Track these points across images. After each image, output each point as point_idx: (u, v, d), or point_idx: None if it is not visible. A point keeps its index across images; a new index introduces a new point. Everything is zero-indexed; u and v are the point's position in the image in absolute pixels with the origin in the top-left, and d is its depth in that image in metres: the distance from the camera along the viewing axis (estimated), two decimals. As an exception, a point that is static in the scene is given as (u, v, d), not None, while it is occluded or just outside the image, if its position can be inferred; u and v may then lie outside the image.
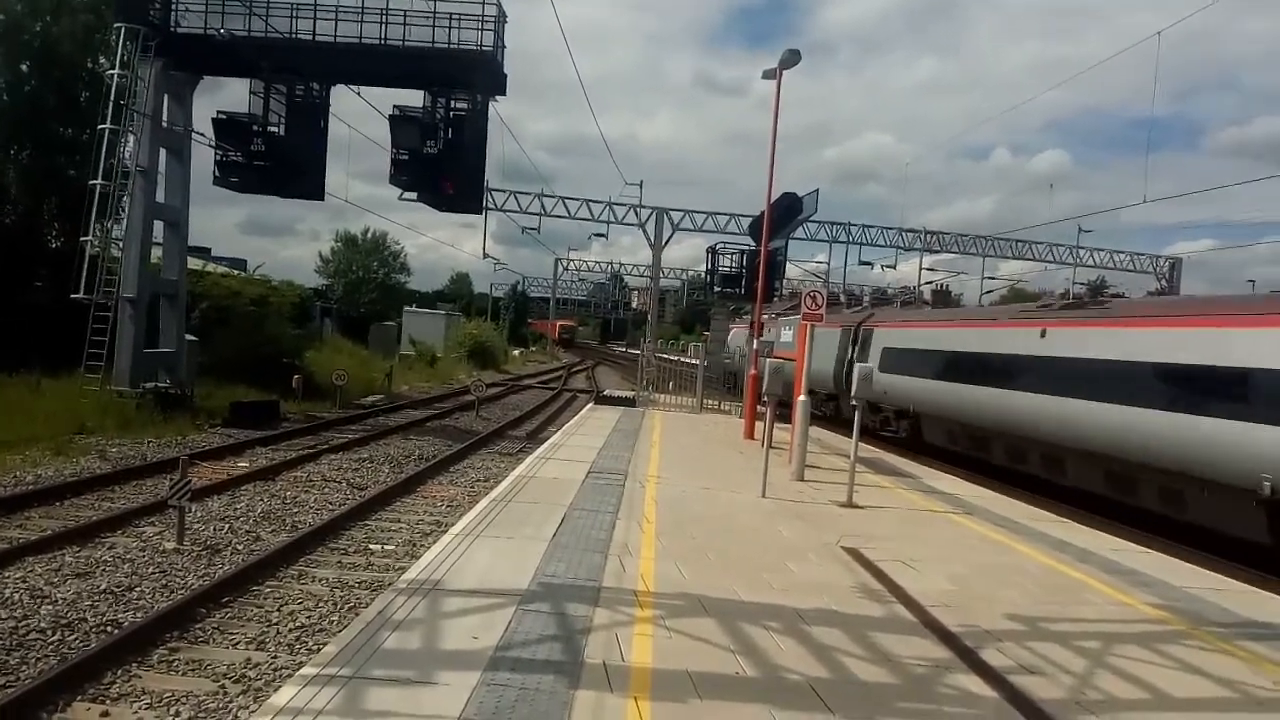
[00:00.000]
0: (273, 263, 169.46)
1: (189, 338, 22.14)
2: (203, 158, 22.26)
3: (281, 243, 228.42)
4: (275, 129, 21.53)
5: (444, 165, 21.63)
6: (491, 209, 37.26)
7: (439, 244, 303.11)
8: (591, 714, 4.70)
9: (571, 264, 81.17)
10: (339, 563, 9.51)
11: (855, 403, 12.17)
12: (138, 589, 8.14)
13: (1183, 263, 45.72)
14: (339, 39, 20.71)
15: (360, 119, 77.10)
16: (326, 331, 42.79)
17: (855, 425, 12.32)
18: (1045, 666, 5.95)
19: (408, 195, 23.11)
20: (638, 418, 21.29)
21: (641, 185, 38.72)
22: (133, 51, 19.50)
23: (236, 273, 34.00)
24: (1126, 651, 6.40)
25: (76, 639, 6.88)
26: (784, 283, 35.51)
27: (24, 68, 24.37)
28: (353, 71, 21.32)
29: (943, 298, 32.31)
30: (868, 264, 45.25)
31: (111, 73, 19.65)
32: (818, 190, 23.57)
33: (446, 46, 20.47)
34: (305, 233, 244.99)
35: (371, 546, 10.26)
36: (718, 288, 30.11)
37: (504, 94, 21.76)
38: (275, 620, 7.58)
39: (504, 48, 20.96)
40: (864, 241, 42.52)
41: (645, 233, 38.25)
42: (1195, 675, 6.04)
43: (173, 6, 20.49)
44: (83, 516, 10.52)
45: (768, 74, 18.13)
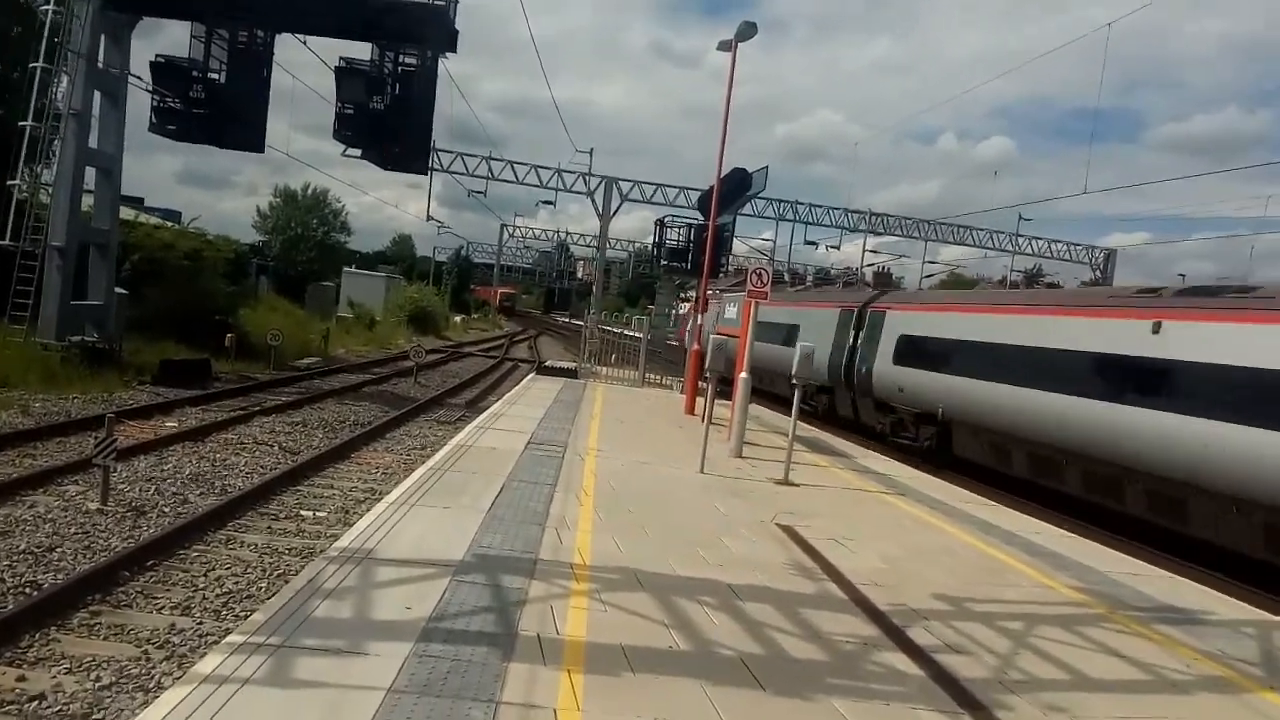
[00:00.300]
0: (209, 216, 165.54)
1: (119, 290, 21.38)
2: (139, 103, 21.40)
3: (218, 195, 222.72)
4: (216, 76, 20.74)
5: (390, 122, 21.10)
6: (438, 170, 36.63)
7: (382, 204, 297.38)
8: (524, 686, 4.69)
9: (518, 231, 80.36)
10: (269, 528, 9.33)
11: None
12: (59, 550, 7.88)
13: (1117, 254, 47.07)
14: (286, -15, 20.01)
15: (305, 70, 75.08)
16: (262, 290, 41.73)
17: (794, 402, 12.46)
18: (970, 646, 6.11)
19: (351, 151, 22.52)
20: (579, 389, 21.24)
21: (591, 153, 38.45)
22: None
23: (171, 225, 32.80)
24: (1047, 633, 6.60)
25: (-9, 600, 6.64)
26: (730, 259, 35.60)
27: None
28: (299, 19, 20.52)
29: (884, 279, 32.73)
30: (813, 243, 45.79)
31: (46, 8, 18.68)
32: (767, 167, 23.65)
33: (397, -2, 19.93)
34: (243, 186, 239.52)
35: (303, 513, 10.08)
36: (664, 261, 30.09)
37: (455, 51, 21.15)
38: (202, 586, 7.41)
39: (456, 2, 20.41)
40: (810, 221, 42.90)
41: (594, 202, 38.07)
42: (1112, 657, 6.26)
43: (111, -59, 19.59)
44: (2, 473, 10.13)
45: (723, 46, 18.05)
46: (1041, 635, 6.53)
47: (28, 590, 6.89)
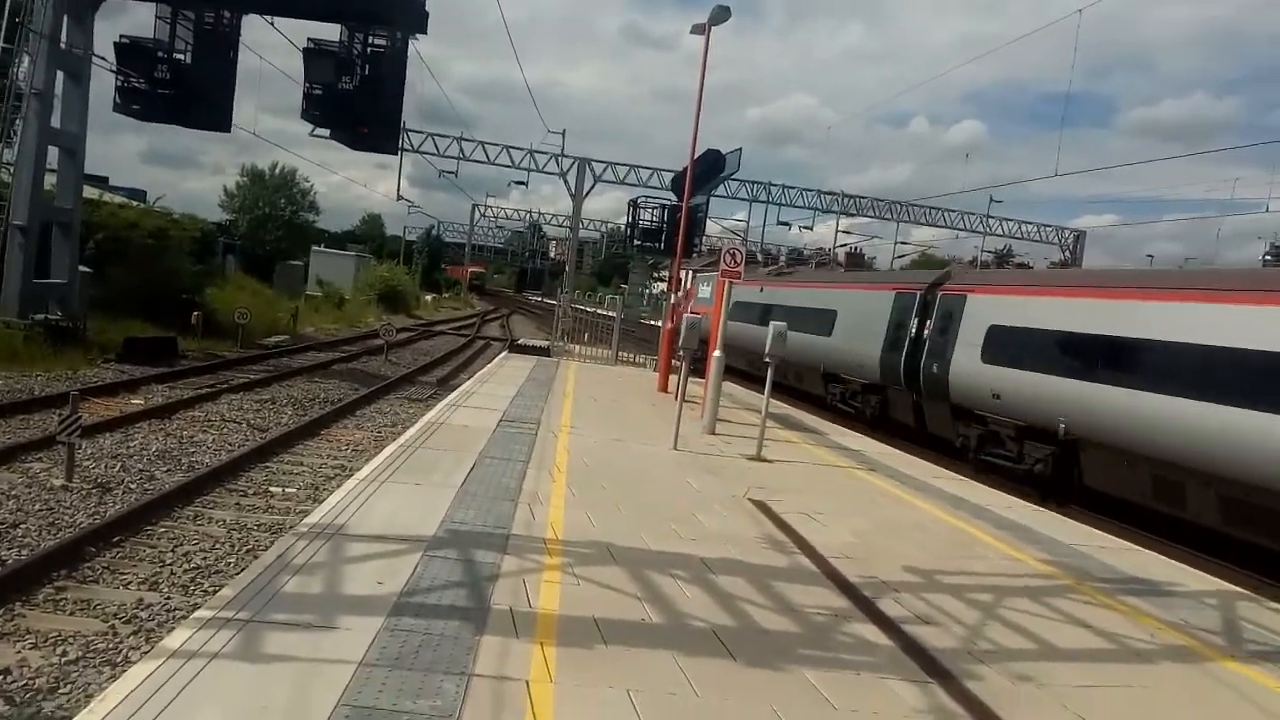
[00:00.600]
0: (174, 195, 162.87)
1: (83, 269, 21.03)
2: (103, 83, 20.97)
3: (183, 175, 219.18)
4: (181, 56, 20.53)
5: (359, 102, 20.94)
6: (408, 150, 36.41)
7: (351, 183, 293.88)
8: (496, 659, 4.67)
9: (490, 211, 79.87)
10: (237, 504, 9.23)
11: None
12: (23, 526, 7.77)
13: (1086, 235, 47.57)
14: (253, -37, 19.70)
15: (273, 51, 73.70)
16: (229, 269, 41.12)
17: (767, 380, 12.50)
18: (939, 617, 6.17)
19: (320, 132, 22.35)
20: (552, 368, 21.18)
21: (564, 134, 38.35)
22: None
23: (135, 204, 32.27)
24: (1016, 604, 6.69)
25: (-48, 578, 6.52)
26: (704, 239, 35.59)
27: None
28: (267, 0, 20.27)
29: (856, 260, 32.87)
30: (785, 224, 45.93)
31: (8, -11, 18.24)
32: (740, 149, 23.49)
33: (366, -23, 19.66)
34: (209, 166, 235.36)
35: (272, 489, 9.98)
36: (638, 241, 30.06)
37: (425, 32, 20.94)
38: (169, 561, 7.33)
39: (428, -17, 20.19)
40: (783, 202, 43.01)
41: (566, 182, 37.92)
42: (1079, 627, 6.36)
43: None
44: (-39, 451, 9.95)
45: (696, 29, 17.94)
46: (1010, 606, 6.61)
47: (-10, 567, 6.77)
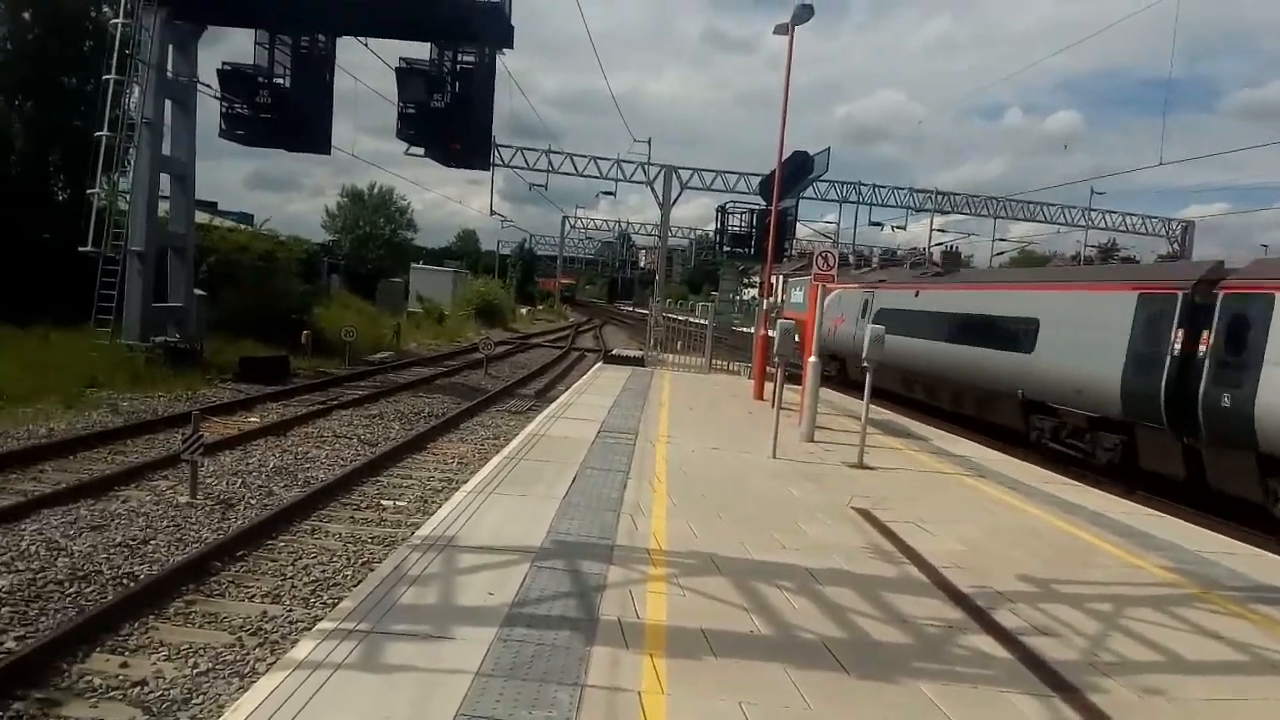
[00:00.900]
0: (278, 218, 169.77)
1: (198, 292, 22.12)
2: (208, 110, 22.07)
3: (286, 198, 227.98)
4: (281, 81, 21.30)
5: (451, 119, 21.38)
6: (499, 165, 36.96)
7: (445, 200, 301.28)
8: (608, 670, 4.72)
9: (579, 222, 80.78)
10: (351, 518, 9.57)
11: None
12: (153, 542, 8.20)
13: (1195, 226, 45.39)
14: (344, -11, 20.39)
15: (367, 72, 76.29)
16: (333, 288, 42.67)
17: (866, 386, 12.29)
18: (1058, 628, 5.96)
19: (414, 150, 22.87)
20: (646, 377, 21.27)
21: (650, 143, 38.52)
22: (136, 0, 19.24)
23: (244, 227, 33.82)
24: (1139, 614, 6.41)
25: (94, 591, 6.93)
26: (794, 243, 35.24)
27: (26, 16, 24.06)
28: (358, 22, 20.94)
29: (952, 259, 32.05)
30: (878, 224, 45.08)
31: (115, 22, 19.39)
32: (829, 149, 23.23)
33: (453, -3, 20.15)
34: (309, 188, 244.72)
35: (383, 502, 10.30)
36: (727, 247, 29.87)
37: (511, 46, 21.37)
38: (290, 574, 7.64)
39: (511, -1, 20.61)
40: (874, 202, 42.26)
41: (653, 191, 38.02)
42: (1208, 638, 6.05)
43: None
44: (96, 470, 10.58)
45: (779, 29, 17.82)
46: (1133, 616, 6.34)
47: (125, 581, 7.18)
